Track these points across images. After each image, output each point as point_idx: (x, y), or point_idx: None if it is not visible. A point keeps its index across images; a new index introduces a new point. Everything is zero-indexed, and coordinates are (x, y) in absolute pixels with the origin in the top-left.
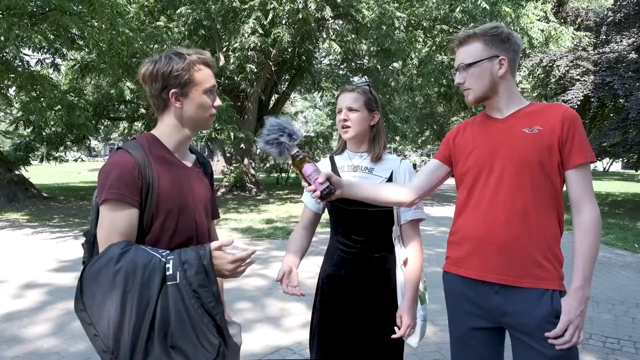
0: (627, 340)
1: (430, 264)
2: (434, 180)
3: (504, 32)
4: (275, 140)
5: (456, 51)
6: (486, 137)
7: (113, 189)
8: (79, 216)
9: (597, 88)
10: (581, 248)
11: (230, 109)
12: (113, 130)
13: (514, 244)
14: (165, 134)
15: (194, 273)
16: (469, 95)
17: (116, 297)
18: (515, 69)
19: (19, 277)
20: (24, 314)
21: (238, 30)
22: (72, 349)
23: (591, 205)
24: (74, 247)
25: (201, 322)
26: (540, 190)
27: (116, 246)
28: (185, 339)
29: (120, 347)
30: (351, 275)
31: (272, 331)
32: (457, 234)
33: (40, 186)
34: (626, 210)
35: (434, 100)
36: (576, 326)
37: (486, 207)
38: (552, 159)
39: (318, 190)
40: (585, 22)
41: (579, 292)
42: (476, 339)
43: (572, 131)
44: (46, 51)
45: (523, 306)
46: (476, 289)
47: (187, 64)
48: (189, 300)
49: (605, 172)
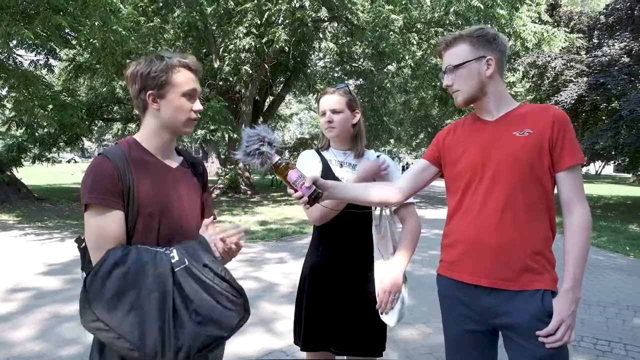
0: (617, 342)
1: (424, 266)
2: (421, 181)
3: (489, 32)
4: (256, 150)
5: (443, 54)
6: (477, 140)
7: (94, 194)
8: (72, 218)
9: (591, 89)
10: (572, 249)
11: (225, 110)
12: (107, 131)
13: (505, 248)
14: (145, 136)
15: (199, 252)
16: (458, 97)
17: (132, 297)
18: (502, 69)
19: (7, 279)
20: (10, 317)
21: (233, 32)
22: (60, 353)
23: (582, 206)
24: (64, 249)
25: (220, 289)
26: (531, 193)
27: (115, 251)
28: (210, 309)
29: (146, 341)
30: (334, 266)
31: (265, 334)
32: (449, 237)
33: (33, 187)
34: (618, 213)
35: (428, 102)
36: (568, 325)
37: (477, 211)
38: (542, 161)
39: (305, 195)
40: (578, 25)
41: (570, 293)
42: (470, 342)
43: (563, 133)
44: (39, 51)
45: (514, 306)
46: (469, 292)
47: (165, 65)
48: (202, 276)
49: (598, 175)
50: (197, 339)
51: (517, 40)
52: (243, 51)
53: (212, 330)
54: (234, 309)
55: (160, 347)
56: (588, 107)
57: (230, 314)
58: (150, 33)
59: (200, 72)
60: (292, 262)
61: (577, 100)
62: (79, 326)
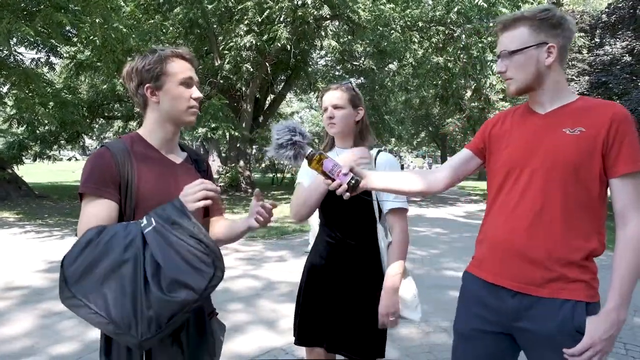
0: (617, 342)
1: (424, 265)
2: (463, 172)
3: (555, 15)
4: (289, 141)
5: (499, 36)
6: (522, 134)
7: (88, 183)
8: (72, 215)
9: (592, 88)
10: (621, 265)
11: (226, 108)
12: (107, 129)
13: (535, 253)
14: (148, 131)
15: (168, 211)
16: (511, 86)
17: (102, 269)
18: (565, 58)
19: (6, 276)
20: (8, 313)
21: (234, 30)
22: (58, 351)
23: (637, 218)
24: (65, 246)
25: (188, 247)
26: (573, 197)
27: (91, 230)
28: (179, 271)
29: (120, 313)
30: (332, 263)
31: (265, 332)
32: (482, 234)
33: (34, 185)
34: None
35: (429, 101)
36: (597, 350)
37: (511, 211)
38: (592, 164)
39: (344, 182)
40: (580, 24)
41: (612, 314)
42: (481, 341)
43: (621, 135)
44: (40, 49)
45: (540, 313)
46: (492, 292)
47: (158, 56)
48: (169, 233)
49: None
50: (164, 307)
51: None
52: (244, 49)
53: (179, 295)
54: (204, 270)
55: (133, 318)
56: None
57: (200, 274)
58: (151, 30)
59: (195, 62)
60: (292, 261)
61: None
62: (77, 324)
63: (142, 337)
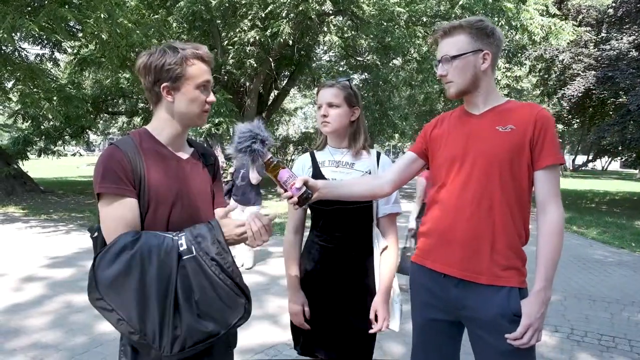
0: (622, 338)
1: None
2: (408, 173)
3: (488, 26)
4: (247, 148)
5: (440, 42)
6: (460, 132)
7: (106, 183)
8: (77, 210)
9: (598, 82)
10: (543, 250)
11: (230, 103)
12: (112, 124)
13: (475, 241)
14: (158, 127)
15: (210, 244)
16: (451, 89)
17: (135, 280)
18: (496, 65)
19: (18, 270)
20: (24, 307)
21: (237, 25)
22: (71, 342)
23: (557, 206)
24: (70, 241)
25: (225, 285)
26: (507, 189)
27: (125, 235)
28: (211, 305)
29: (147, 325)
30: (327, 270)
31: (270, 327)
32: (425, 226)
33: (39, 180)
34: (624, 209)
35: (434, 97)
36: (535, 329)
37: (454, 202)
38: (521, 158)
39: (295, 196)
40: (586, 18)
41: (541, 294)
42: (435, 330)
43: (544, 132)
44: (45, 44)
45: (480, 301)
46: (438, 281)
47: (179, 58)
48: (208, 269)
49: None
50: (192, 333)
51: (524, 34)
52: (248, 44)
53: (207, 326)
54: (235, 308)
55: (158, 333)
56: (595, 102)
57: (230, 312)
58: (155, 25)
59: (212, 63)
60: None
61: (585, 94)
62: (84, 318)
63: (164, 351)
